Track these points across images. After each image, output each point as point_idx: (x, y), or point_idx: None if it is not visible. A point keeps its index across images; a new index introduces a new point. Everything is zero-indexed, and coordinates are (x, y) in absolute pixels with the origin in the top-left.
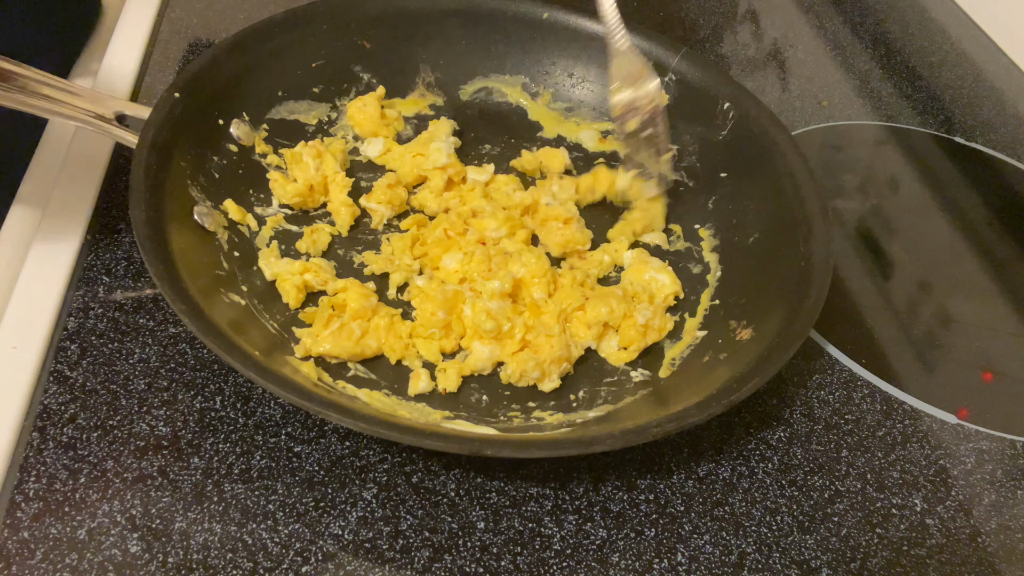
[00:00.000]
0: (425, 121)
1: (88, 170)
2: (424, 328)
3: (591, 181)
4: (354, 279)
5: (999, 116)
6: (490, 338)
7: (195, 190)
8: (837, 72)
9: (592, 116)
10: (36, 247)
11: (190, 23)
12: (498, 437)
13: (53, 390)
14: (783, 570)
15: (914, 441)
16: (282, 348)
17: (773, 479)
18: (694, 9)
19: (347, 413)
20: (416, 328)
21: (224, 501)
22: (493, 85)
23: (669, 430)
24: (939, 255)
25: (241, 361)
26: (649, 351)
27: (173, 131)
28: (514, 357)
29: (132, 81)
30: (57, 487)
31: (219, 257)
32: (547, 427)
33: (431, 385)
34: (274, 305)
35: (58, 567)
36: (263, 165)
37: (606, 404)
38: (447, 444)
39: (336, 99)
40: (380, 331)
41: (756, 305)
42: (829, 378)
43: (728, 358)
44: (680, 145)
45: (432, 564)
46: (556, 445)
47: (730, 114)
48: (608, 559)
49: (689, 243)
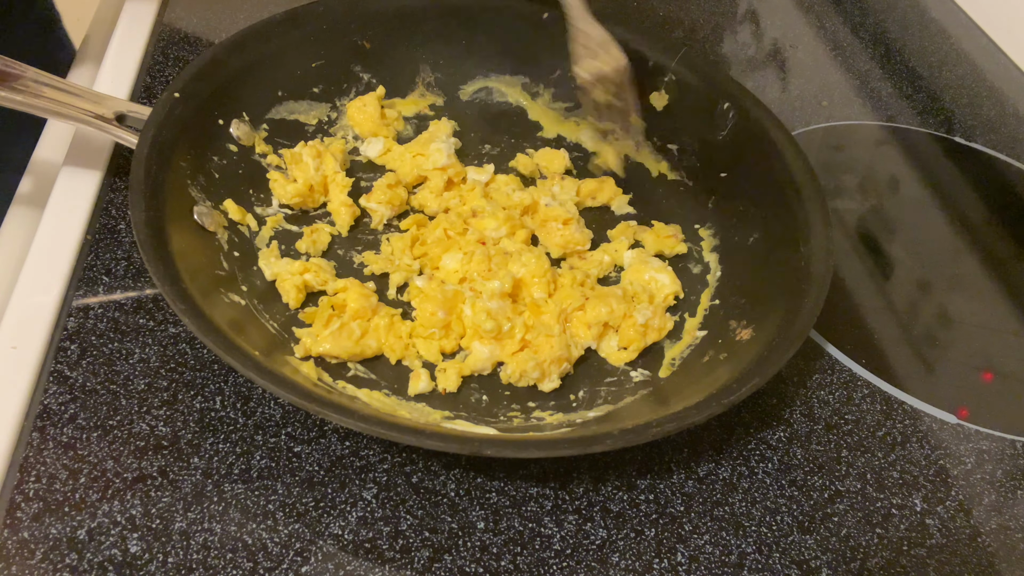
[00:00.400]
0: (425, 121)
1: (88, 170)
2: (424, 328)
3: (594, 188)
4: (354, 279)
5: (999, 116)
6: (490, 338)
7: (195, 190)
8: (837, 72)
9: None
10: (36, 247)
11: (190, 23)
12: (498, 437)
13: (53, 390)
14: (783, 570)
15: (914, 441)
16: (282, 348)
17: (773, 479)
18: (694, 9)
19: (347, 413)
20: (416, 328)
21: (224, 501)
22: (493, 85)
23: (669, 430)
24: (939, 255)
25: (241, 361)
26: (649, 351)
27: (173, 131)
28: (514, 357)
29: (132, 80)
30: (57, 487)
31: (219, 257)
32: (547, 427)
33: (431, 385)
34: (274, 305)
35: (58, 567)
36: (263, 165)
37: (606, 404)
38: (447, 444)
39: (336, 99)
40: (380, 331)
41: (756, 305)
42: (829, 378)
43: (728, 358)
44: (680, 145)
45: (432, 564)
46: (556, 445)
47: (730, 114)
48: (608, 559)
49: (689, 243)
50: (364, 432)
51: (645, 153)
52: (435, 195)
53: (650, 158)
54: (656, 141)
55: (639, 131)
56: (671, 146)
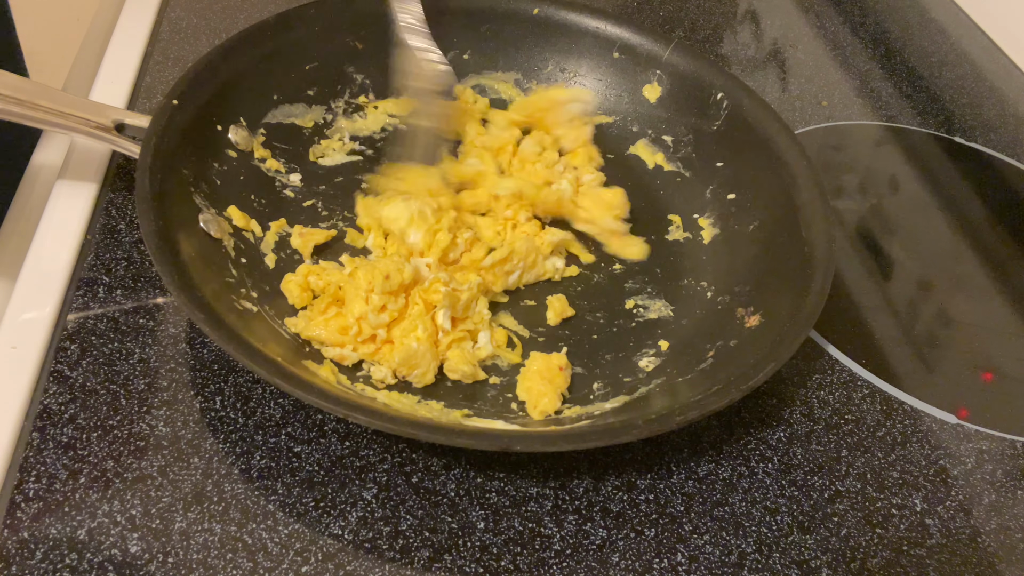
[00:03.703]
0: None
1: (88, 169)
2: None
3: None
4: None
5: (999, 116)
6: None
7: (198, 197)
8: (837, 72)
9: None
10: (36, 246)
11: (190, 23)
12: (525, 432)
13: (53, 390)
14: (783, 570)
15: (914, 441)
16: (296, 352)
17: (773, 479)
18: (694, 9)
19: (376, 416)
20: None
21: (224, 501)
22: (486, 82)
23: (691, 418)
24: (939, 255)
25: (267, 368)
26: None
27: (174, 139)
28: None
29: (132, 80)
30: (57, 487)
31: (227, 264)
32: (566, 420)
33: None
34: (284, 310)
35: (58, 567)
36: (263, 170)
37: (621, 395)
38: (477, 442)
39: (331, 101)
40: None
41: (762, 292)
42: (829, 378)
43: (739, 345)
44: (674, 136)
45: (432, 564)
46: (584, 437)
47: (723, 104)
48: (608, 559)
49: (688, 233)
50: (393, 433)
51: (640, 145)
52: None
53: (645, 150)
54: (651, 133)
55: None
56: (666, 138)
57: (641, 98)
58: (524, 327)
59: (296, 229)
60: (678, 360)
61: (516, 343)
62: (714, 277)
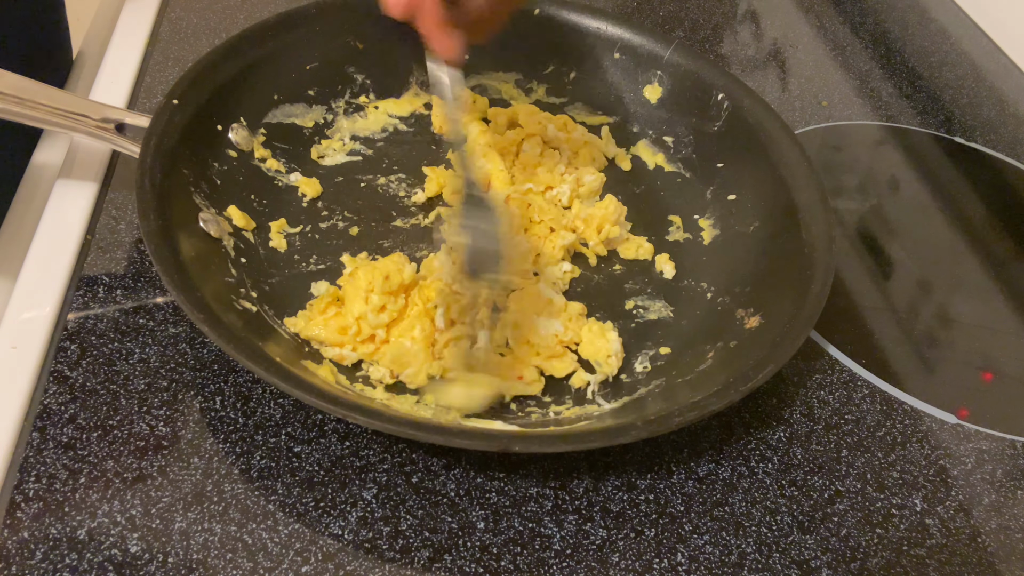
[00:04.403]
0: (422, 120)
1: (88, 169)
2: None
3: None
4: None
5: (999, 116)
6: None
7: (198, 197)
8: (837, 72)
9: (586, 111)
10: (36, 246)
11: (190, 23)
12: (524, 432)
13: (53, 390)
14: (783, 570)
15: (914, 441)
16: (296, 352)
17: (773, 479)
18: (694, 9)
19: (376, 416)
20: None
21: (224, 501)
22: (487, 82)
23: (691, 419)
24: (939, 255)
25: (266, 368)
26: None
27: (174, 139)
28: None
29: (132, 80)
30: (57, 487)
31: (227, 264)
32: (565, 421)
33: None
34: (283, 310)
35: (58, 567)
36: (263, 170)
37: (622, 396)
38: (476, 442)
39: (331, 101)
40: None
41: (762, 292)
42: (829, 378)
43: (739, 346)
44: (675, 137)
45: (432, 564)
46: (583, 438)
47: (724, 105)
48: (608, 559)
49: (689, 233)
50: (392, 433)
51: (641, 146)
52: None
53: (646, 151)
54: (652, 134)
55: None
56: (667, 138)
57: (642, 99)
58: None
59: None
60: (678, 361)
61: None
62: (714, 278)
